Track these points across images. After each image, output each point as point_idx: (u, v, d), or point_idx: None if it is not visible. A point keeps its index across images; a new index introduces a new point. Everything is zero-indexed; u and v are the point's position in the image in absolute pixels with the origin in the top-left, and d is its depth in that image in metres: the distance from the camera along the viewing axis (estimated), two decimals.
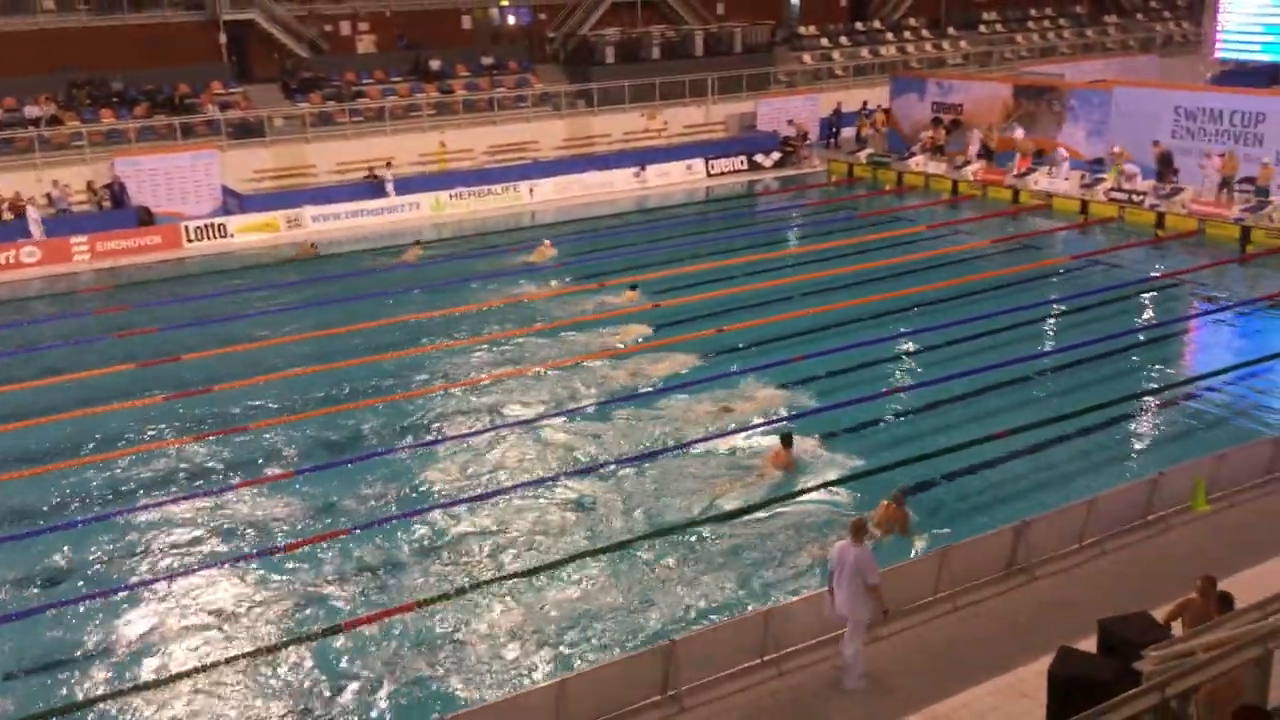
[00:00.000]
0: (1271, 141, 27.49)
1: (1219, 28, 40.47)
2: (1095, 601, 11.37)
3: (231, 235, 30.11)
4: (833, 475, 14.98)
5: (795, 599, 11.52)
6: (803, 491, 14.55)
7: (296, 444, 16.83)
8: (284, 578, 13.11)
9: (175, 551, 13.84)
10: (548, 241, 27.34)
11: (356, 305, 23.65)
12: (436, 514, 14.39)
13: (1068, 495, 13.81)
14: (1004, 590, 12.10)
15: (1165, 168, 28.90)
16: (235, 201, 31.53)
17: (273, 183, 33.44)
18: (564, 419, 17.24)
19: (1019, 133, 32.20)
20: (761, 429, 16.43)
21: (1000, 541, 12.25)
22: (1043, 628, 11.21)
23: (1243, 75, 40.51)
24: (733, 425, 16.59)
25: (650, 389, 18.27)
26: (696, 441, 16.10)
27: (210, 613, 12.48)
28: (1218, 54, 40.85)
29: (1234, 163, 27.20)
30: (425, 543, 13.82)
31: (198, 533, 14.24)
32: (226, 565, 13.37)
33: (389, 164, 33.62)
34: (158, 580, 13.14)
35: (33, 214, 28.72)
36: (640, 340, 20.66)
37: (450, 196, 32.73)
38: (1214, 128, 28.88)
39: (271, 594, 12.80)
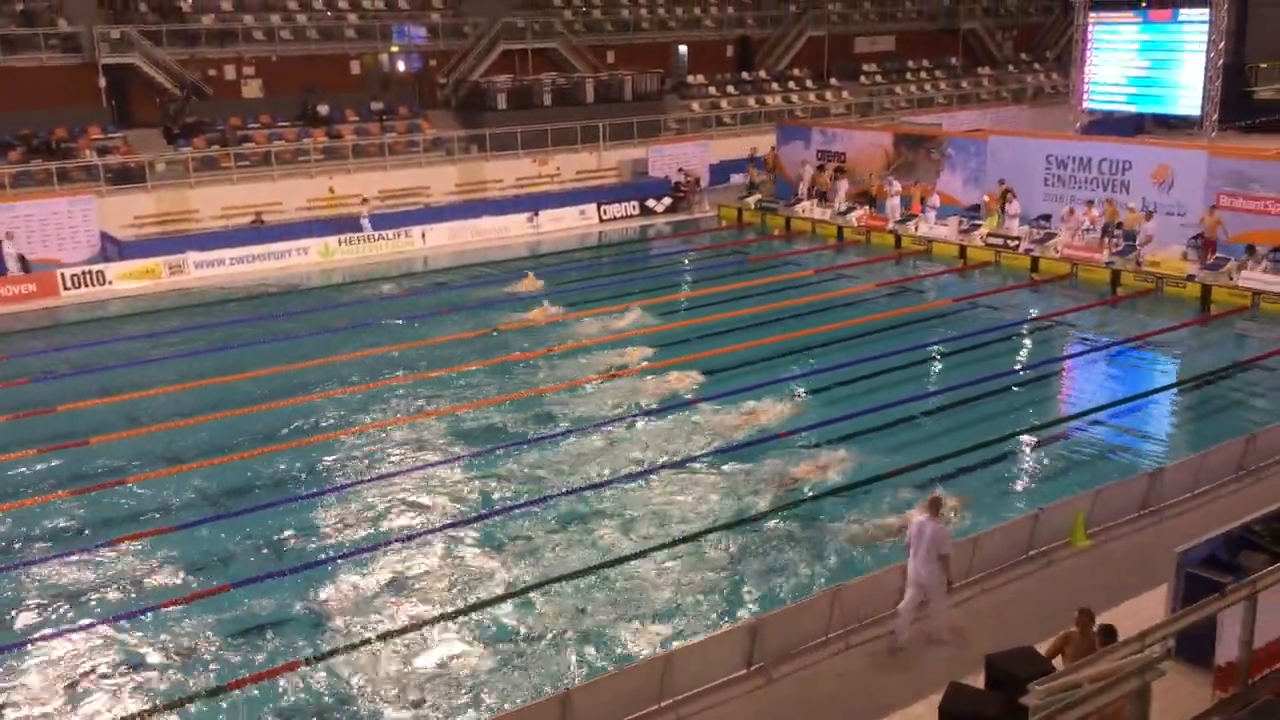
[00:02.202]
0: (1138, 188, 28.80)
1: (1086, 80, 42.44)
2: (982, 637, 11.65)
3: (111, 282, 29.23)
4: (718, 519, 15.11)
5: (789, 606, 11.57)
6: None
7: (180, 496, 16.34)
8: (164, 636, 12.65)
9: (48, 611, 13.27)
10: (531, 274, 27.96)
11: (241, 352, 23.15)
12: (340, 564, 14.12)
13: (952, 534, 14.12)
14: (895, 627, 12.29)
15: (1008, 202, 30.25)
16: (115, 248, 30.66)
17: (155, 228, 32.63)
18: (431, 470, 17.10)
19: (896, 186, 33.23)
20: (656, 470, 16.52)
21: (890, 579, 12.45)
22: (933, 664, 11.43)
23: (1110, 125, 42.54)
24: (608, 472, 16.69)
25: (545, 435, 18.26)
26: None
27: (82, 675, 11.97)
28: (1086, 105, 42.80)
29: (1114, 210, 28.42)
30: (333, 592, 13.53)
31: (71, 591, 13.68)
32: (102, 625, 12.86)
33: (366, 200, 33.43)
34: (28, 641, 12.57)
35: None
36: (613, 369, 21.10)
37: (339, 242, 32.34)
38: (1084, 175, 30.17)
39: (149, 655, 12.33)
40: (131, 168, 33.15)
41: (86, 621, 12.99)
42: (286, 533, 15.14)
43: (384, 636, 12.51)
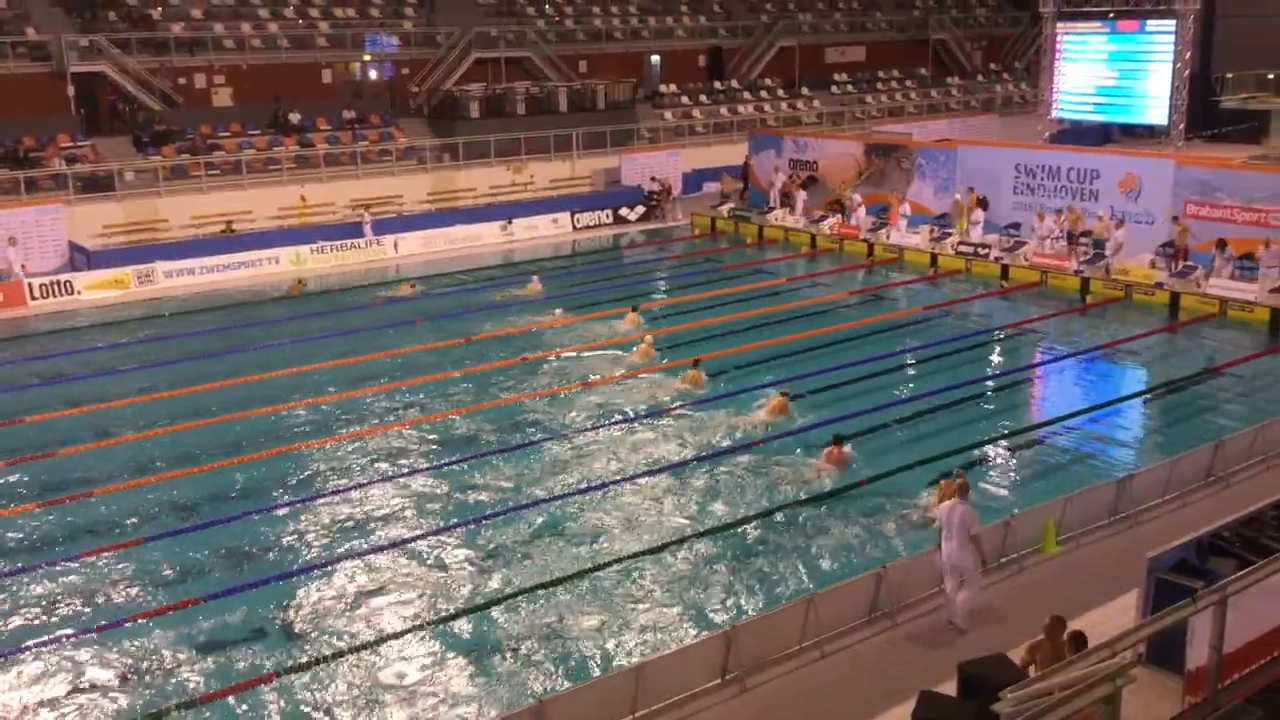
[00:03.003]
0: (1106, 197, 29.08)
1: (1055, 90, 42.90)
2: (955, 645, 11.70)
3: (79, 292, 28.96)
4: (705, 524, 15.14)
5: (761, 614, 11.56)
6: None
7: (148, 507, 16.19)
8: (134, 650, 12.51)
9: (14, 625, 13.09)
10: (536, 278, 28.12)
11: (211, 362, 22.98)
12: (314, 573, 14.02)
13: (926, 541, 14.19)
14: (869, 635, 12.33)
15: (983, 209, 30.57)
16: (83, 257, 30.38)
17: (123, 238, 32.37)
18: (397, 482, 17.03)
19: (857, 198, 33.46)
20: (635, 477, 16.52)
21: (865, 587, 12.50)
22: (905, 672, 11.47)
23: (1078, 134, 42.98)
24: (584, 482, 16.68)
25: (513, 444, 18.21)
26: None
27: (50, 690, 11.82)
28: (1054, 114, 43.26)
29: (1076, 217, 28.69)
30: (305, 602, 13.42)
31: (39, 605, 13.52)
32: (71, 639, 12.71)
33: (368, 207, 33.18)
34: None
35: None
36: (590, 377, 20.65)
37: (311, 251, 32.18)
38: (1053, 184, 30.42)
39: (119, 669, 12.20)
40: (100, 176, 32.89)
41: (55, 635, 12.82)
42: (258, 544, 15.03)
43: (357, 649, 12.42)
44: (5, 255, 28.87)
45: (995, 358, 23.46)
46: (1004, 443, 18.21)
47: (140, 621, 13.03)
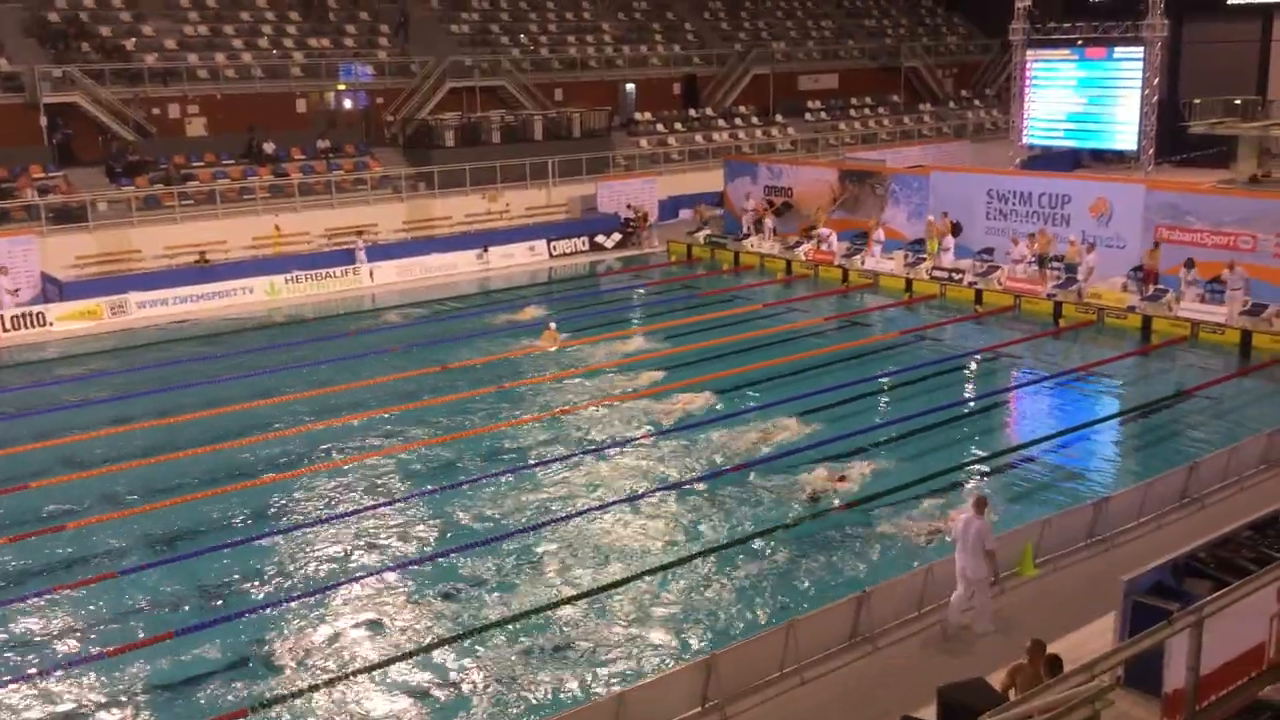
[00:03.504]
0: (1078, 221, 29.36)
1: (1025, 116, 43.36)
2: (934, 669, 11.69)
3: (51, 324, 28.73)
4: (682, 552, 15.10)
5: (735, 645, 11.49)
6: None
7: (121, 541, 16.01)
8: (106, 685, 12.35)
9: None
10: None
11: (184, 393, 22.81)
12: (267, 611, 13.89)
13: (906, 565, 14.22)
14: (849, 661, 12.32)
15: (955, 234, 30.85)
16: (55, 289, 30.15)
17: (96, 269, 32.14)
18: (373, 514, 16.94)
19: (825, 230, 33.71)
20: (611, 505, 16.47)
21: (845, 612, 12.50)
22: (885, 698, 11.45)
23: (1048, 160, 43.46)
24: (559, 512, 16.58)
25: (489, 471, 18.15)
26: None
27: None
28: (1025, 140, 43.71)
29: (1046, 240, 28.95)
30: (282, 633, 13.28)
31: (10, 641, 13.33)
32: (43, 675, 12.52)
33: (361, 233, 33.13)
34: None
35: None
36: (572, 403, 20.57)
37: (286, 280, 32.05)
38: (1025, 209, 30.71)
39: (91, 705, 12.04)
40: (73, 207, 32.70)
41: (26, 672, 12.64)
42: (233, 577, 14.88)
43: (334, 681, 12.30)
44: None
45: (971, 382, 23.58)
46: (980, 466, 18.28)
47: (115, 656, 12.85)
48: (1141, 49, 38.98)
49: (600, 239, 37.96)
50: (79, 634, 13.54)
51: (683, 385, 22.10)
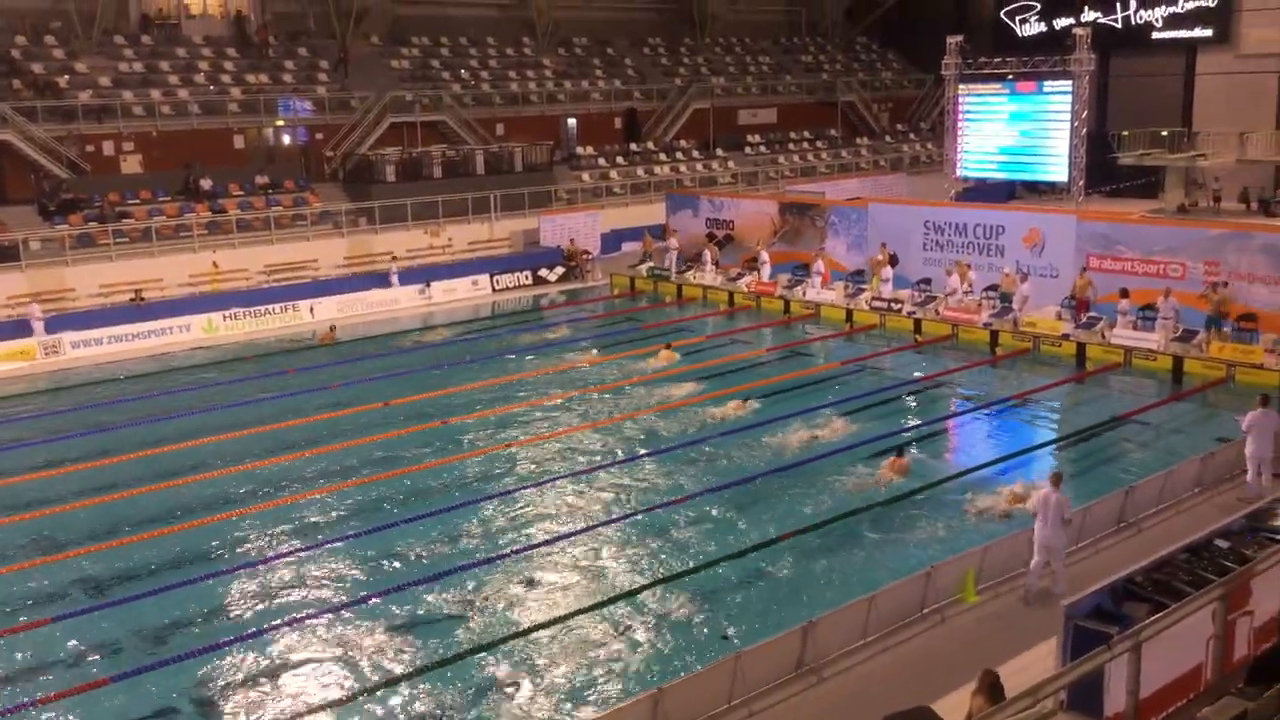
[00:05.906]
0: (1011, 252, 29.92)
1: (959, 149, 44.16)
2: (880, 698, 11.71)
3: None
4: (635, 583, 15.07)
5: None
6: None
7: (54, 585, 15.64)
8: None
9: None
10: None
11: (119, 434, 22.39)
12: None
13: (851, 593, 14.28)
14: (796, 692, 12.32)
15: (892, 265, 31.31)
16: None
17: (28, 308, 31.50)
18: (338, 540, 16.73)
19: (764, 256, 34.06)
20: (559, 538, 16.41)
21: (790, 643, 12.51)
22: None
23: (983, 191, 44.28)
24: (512, 545, 16.50)
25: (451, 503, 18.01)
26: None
27: None
28: (959, 173, 44.50)
29: (964, 270, 29.49)
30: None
31: None
32: None
33: (395, 259, 33.64)
34: None
35: None
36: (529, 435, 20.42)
37: (224, 318, 31.67)
38: (960, 240, 31.24)
39: None
40: (4, 246, 32.09)
41: None
42: (170, 621, 14.57)
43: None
44: None
45: (910, 410, 23.81)
46: (922, 494, 18.44)
47: (47, 704, 12.52)
48: (1070, 83, 39.93)
49: (544, 272, 38.02)
50: (9, 683, 13.15)
51: (625, 418, 22.09)
